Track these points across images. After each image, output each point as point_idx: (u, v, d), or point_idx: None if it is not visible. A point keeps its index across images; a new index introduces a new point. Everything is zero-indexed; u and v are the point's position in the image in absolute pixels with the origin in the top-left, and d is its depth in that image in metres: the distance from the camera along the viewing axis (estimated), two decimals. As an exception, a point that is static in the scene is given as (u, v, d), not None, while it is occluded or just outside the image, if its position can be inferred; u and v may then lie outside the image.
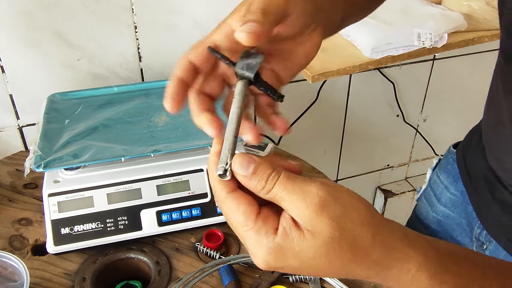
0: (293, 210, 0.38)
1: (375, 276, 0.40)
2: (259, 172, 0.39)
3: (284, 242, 0.38)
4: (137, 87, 1.03)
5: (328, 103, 1.46)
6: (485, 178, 0.75)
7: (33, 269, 0.79)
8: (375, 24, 1.14)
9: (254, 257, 0.40)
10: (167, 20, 1.14)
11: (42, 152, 0.81)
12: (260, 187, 0.39)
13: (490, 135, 0.73)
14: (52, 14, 1.04)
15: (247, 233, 0.39)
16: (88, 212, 0.80)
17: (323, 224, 0.37)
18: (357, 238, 0.38)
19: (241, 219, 0.39)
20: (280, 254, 0.38)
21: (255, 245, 0.39)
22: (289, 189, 0.39)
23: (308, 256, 0.38)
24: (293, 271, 0.40)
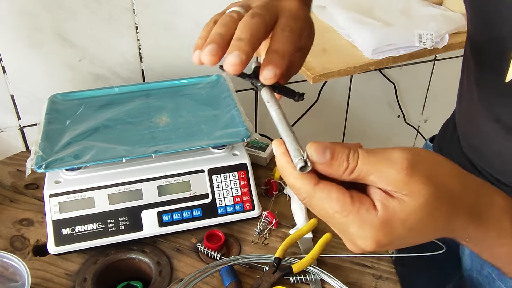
0: (384, 180, 0.38)
1: (471, 224, 0.40)
2: (338, 154, 0.38)
3: (387, 214, 0.37)
4: (138, 87, 1.03)
5: (329, 104, 1.46)
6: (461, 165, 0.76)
7: (34, 269, 0.79)
8: (376, 25, 1.14)
9: (362, 240, 0.38)
10: (168, 21, 1.14)
11: (43, 153, 0.82)
12: (342, 169, 0.38)
13: (464, 125, 0.75)
14: (54, 14, 1.04)
15: (348, 218, 0.38)
16: (89, 213, 0.81)
17: (418, 184, 0.37)
18: (451, 190, 0.38)
19: (337, 206, 0.38)
20: (388, 226, 0.37)
21: (361, 226, 0.37)
22: (373, 161, 0.38)
23: (415, 220, 0.37)
24: (403, 242, 0.39)
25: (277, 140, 0.42)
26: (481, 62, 0.66)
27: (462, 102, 0.76)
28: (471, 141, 0.74)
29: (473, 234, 0.41)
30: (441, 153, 0.86)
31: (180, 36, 1.18)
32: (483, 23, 0.61)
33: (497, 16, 0.56)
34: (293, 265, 0.77)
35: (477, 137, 0.71)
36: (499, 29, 0.56)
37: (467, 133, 0.75)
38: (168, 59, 1.20)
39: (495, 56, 0.59)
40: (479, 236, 0.41)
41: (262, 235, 0.87)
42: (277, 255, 0.78)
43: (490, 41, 0.60)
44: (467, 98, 0.72)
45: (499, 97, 0.63)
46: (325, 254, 0.83)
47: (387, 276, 0.81)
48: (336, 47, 1.15)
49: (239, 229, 0.87)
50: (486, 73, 0.65)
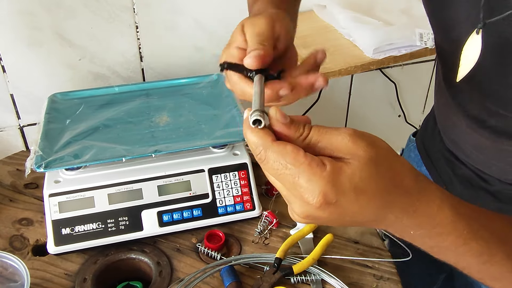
0: (330, 146, 0.42)
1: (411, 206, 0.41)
2: (295, 120, 0.43)
3: (335, 169, 0.40)
4: (138, 87, 1.03)
5: (330, 103, 1.46)
6: (444, 158, 0.81)
7: (34, 269, 0.78)
8: (377, 24, 1.14)
9: (310, 193, 0.40)
10: (169, 20, 1.14)
11: (43, 152, 0.81)
12: (298, 134, 0.42)
13: (442, 120, 0.78)
14: (54, 14, 1.04)
15: (299, 168, 0.40)
16: (89, 213, 0.80)
17: (360, 148, 0.41)
18: (391, 162, 0.42)
19: (291, 157, 0.40)
20: (336, 180, 0.39)
21: (311, 178, 0.39)
22: (323, 131, 0.42)
23: (358, 177, 0.40)
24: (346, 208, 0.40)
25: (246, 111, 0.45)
26: (444, 63, 0.71)
27: (438, 99, 0.79)
28: (450, 135, 0.77)
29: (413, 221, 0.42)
30: (424, 148, 0.89)
31: (180, 35, 1.17)
32: (440, 28, 0.66)
33: (450, 21, 0.61)
34: (294, 266, 0.77)
35: (454, 131, 0.75)
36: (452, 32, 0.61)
37: (446, 128, 0.78)
38: (168, 59, 1.20)
39: (451, 57, 0.63)
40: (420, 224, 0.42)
41: (262, 235, 0.86)
42: (277, 255, 0.78)
43: (447, 44, 0.65)
44: (442, 96, 0.76)
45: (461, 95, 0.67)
46: (326, 255, 0.82)
47: (388, 276, 0.80)
48: (337, 46, 1.14)
49: (240, 229, 0.87)
50: (448, 73, 0.69)
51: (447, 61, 0.69)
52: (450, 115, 0.74)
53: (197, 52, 1.22)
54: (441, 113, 0.79)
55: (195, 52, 1.21)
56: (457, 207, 0.43)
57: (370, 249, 0.85)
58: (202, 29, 1.19)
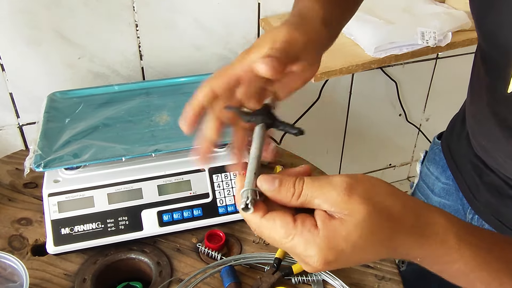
0: (327, 202, 0.41)
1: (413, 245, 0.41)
2: (285, 182, 0.42)
3: (329, 232, 0.40)
4: (138, 86, 1.02)
5: (330, 102, 1.45)
6: (471, 163, 0.77)
7: (33, 269, 0.78)
8: (378, 23, 1.13)
9: (310, 259, 0.41)
10: (168, 18, 1.14)
11: (42, 152, 0.81)
12: (290, 194, 0.42)
13: (473, 124, 0.75)
14: (53, 12, 1.03)
15: (293, 241, 0.41)
16: (89, 212, 0.80)
17: (356, 203, 0.40)
18: (389, 208, 0.41)
19: (282, 232, 0.41)
20: (331, 243, 0.40)
21: (306, 247, 0.40)
22: (317, 186, 0.41)
23: (356, 236, 0.40)
24: (350, 259, 0.41)
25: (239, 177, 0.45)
26: (489, 70, 0.66)
27: (472, 104, 0.75)
28: (482, 142, 0.73)
29: (419, 253, 0.42)
30: (449, 151, 0.85)
31: (180, 34, 1.17)
32: (487, 33, 0.62)
33: (499, 28, 0.57)
34: (293, 266, 0.77)
35: (487, 139, 0.71)
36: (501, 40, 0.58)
37: (478, 134, 0.74)
38: (168, 57, 1.19)
39: (500, 65, 0.60)
40: (427, 255, 0.43)
41: (263, 235, 0.86)
42: (277, 255, 0.78)
43: (495, 51, 0.61)
44: (477, 101, 0.72)
45: (505, 105, 0.63)
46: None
47: (390, 277, 0.80)
48: (338, 45, 1.13)
49: (240, 229, 0.87)
50: (493, 80, 0.65)
51: (492, 67, 0.65)
52: (484, 121, 0.70)
53: (197, 51, 1.21)
54: (474, 117, 0.75)
55: (195, 51, 1.21)
56: (462, 235, 0.43)
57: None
58: (202, 28, 1.18)
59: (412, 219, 0.41)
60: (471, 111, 0.76)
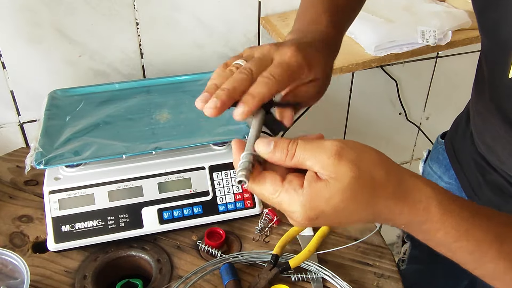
0: (317, 164, 0.44)
1: (395, 209, 0.44)
2: (279, 144, 0.46)
3: (312, 191, 0.44)
4: (138, 84, 1.03)
5: (330, 101, 1.45)
6: (475, 162, 0.78)
7: (34, 266, 0.78)
8: (378, 21, 1.13)
9: (293, 215, 0.45)
10: (169, 16, 1.14)
11: (43, 149, 0.81)
12: (284, 155, 0.45)
13: (478, 122, 0.75)
14: (54, 10, 1.03)
15: (279, 197, 0.45)
16: (89, 210, 0.80)
17: (344, 167, 0.43)
18: (373, 175, 0.44)
19: (270, 189, 0.45)
20: (314, 202, 0.43)
21: (290, 203, 0.44)
22: (309, 148, 0.45)
23: (338, 200, 0.43)
24: (332, 219, 0.45)
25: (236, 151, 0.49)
26: (490, 63, 0.67)
27: (477, 102, 0.76)
28: (486, 140, 0.74)
29: (402, 218, 0.45)
30: (453, 150, 0.85)
31: (181, 32, 1.17)
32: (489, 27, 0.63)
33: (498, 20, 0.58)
34: (290, 260, 0.77)
35: (491, 137, 0.71)
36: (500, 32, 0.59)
37: (482, 132, 0.75)
38: (169, 55, 1.19)
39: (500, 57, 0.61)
40: (409, 221, 0.45)
41: (263, 232, 0.86)
42: (274, 252, 0.78)
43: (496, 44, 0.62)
44: (482, 99, 0.73)
45: (506, 96, 0.63)
46: (325, 249, 0.82)
47: (389, 274, 0.80)
48: (338, 43, 1.14)
49: (240, 227, 0.87)
50: (494, 73, 0.66)
51: (493, 62, 0.66)
52: (488, 119, 0.71)
53: (197, 49, 1.21)
54: (477, 113, 0.76)
55: (196, 49, 1.21)
56: (446, 205, 0.44)
57: (371, 247, 0.85)
58: (203, 26, 1.18)
59: (394, 185, 0.44)
60: (475, 109, 0.77)
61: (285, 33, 1.15)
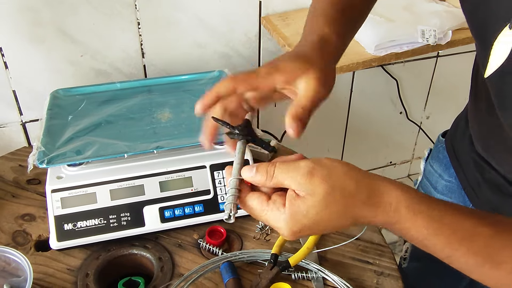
0: (293, 183, 0.49)
1: (369, 214, 0.49)
2: (259, 168, 0.52)
3: (292, 209, 0.49)
4: (140, 83, 1.03)
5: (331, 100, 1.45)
6: (474, 161, 0.78)
7: (36, 264, 0.79)
8: (379, 21, 1.13)
9: (279, 230, 0.51)
10: (170, 16, 1.14)
11: (45, 148, 0.82)
12: (264, 178, 0.51)
13: (474, 124, 0.77)
14: (55, 10, 1.04)
15: (266, 216, 0.51)
16: (91, 208, 0.81)
17: (316, 185, 0.48)
18: (344, 187, 0.49)
19: (258, 208, 0.52)
20: (294, 219, 0.49)
21: (276, 221, 0.50)
22: (285, 169, 0.50)
23: (313, 213, 0.48)
24: (313, 230, 0.50)
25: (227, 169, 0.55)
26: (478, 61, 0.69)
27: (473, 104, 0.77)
28: (482, 141, 0.75)
29: (377, 220, 0.49)
30: (453, 149, 0.86)
31: (182, 32, 1.18)
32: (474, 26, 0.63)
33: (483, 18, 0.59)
34: (290, 259, 0.77)
35: (486, 136, 0.73)
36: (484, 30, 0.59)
37: (477, 132, 0.76)
38: (170, 55, 1.20)
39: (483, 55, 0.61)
40: (384, 222, 0.49)
41: (263, 231, 0.87)
42: (273, 251, 0.78)
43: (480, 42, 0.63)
44: (476, 100, 0.74)
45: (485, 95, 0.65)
46: (325, 247, 0.83)
47: (388, 272, 0.81)
48: (339, 43, 1.14)
49: (241, 225, 0.87)
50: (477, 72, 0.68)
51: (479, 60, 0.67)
52: (482, 117, 0.72)
53: (198, 49, 1.22)
54: (473, 115, 0.77)
55: (197, 48, 1.22)
56: (415, 206, 0.48)
57: (371, 245, 0.85)
58: (204, 25, 1.19)
59: (365, 194, 0.49)
60: (472, 110, 0.78)
61: (285, 33, 1.15)
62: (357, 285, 0.78)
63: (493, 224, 0.49)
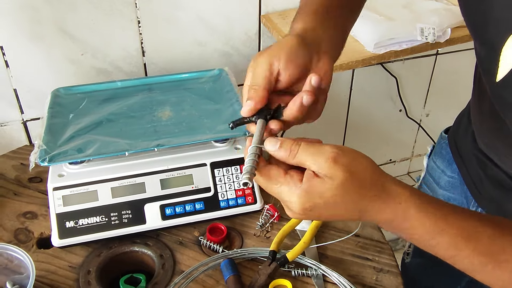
0: (315, 165, 0.50)
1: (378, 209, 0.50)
2: (284, 144, 0.52)
3: (309, 186, 0.50)
4: (140, 81, 1.03)
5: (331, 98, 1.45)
6: (476, 158, 0.79)
7: (38, 262, 0.79)
8: (378, 19, 1.14)
9: (290, 205, 0.51)
10: (171, 14, 1.15)
11: (46, 146, 0.82)
12: (287, 154, 0.52)
13: (477, 121, 0.77)
14: (56, 8, 1.04)
15: (280, 188, 0.52)
16: (93, 206, 0.81)
17: (338, 170, 0.49)
18: (362, 178, 0.50)
19: (274, 179, 0.52)
20: (309, 195, 0.50)
21: (289, 194, 0.51)
22: (310, 151, 0.51)
23: (330, 195, 0.50)
24: (320, 211, 0.51)
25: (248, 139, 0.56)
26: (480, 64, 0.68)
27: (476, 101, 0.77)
28: (484, 139, 0.75)
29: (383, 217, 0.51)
30: (456, 146, 0.87)
31: (182, 30, 1.18)
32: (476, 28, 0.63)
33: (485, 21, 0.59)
34: (287, 254, 0.77)
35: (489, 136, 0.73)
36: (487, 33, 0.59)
37: (479, 130, 0.76)
38: (170, 53, 1.20)
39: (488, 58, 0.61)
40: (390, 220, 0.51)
41: (264, 228, 0.87)
42: (271, 248, 0.79)
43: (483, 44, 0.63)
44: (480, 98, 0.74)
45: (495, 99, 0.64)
46: (326, 248, 0.83)
47: (388, 269, 0.81)
48: (338, 41, 1.14)
49: (241, 222, 0.88)
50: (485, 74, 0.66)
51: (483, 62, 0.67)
52: (486, 118, 0.73)
53: (199, 47, 1.22)
54: (476, 113, 0.78)
55: (197, 46, 1.22)
56: (423, 207, 0.50)
57: (370, 242, 0.86)
58: (204, 23, 1.19)
59: (378, 189, 0.50)
60: (475, 108, 0.78)
61: (285, 31, 1.16)
62: (357, 282, 0.79)
63: (495, 225, 0.50)
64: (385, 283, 0.79)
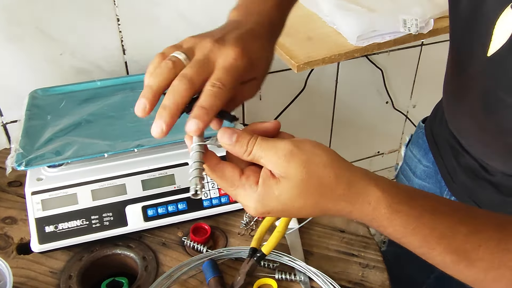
0: (269, 163, 0.47)
1: (344, 209, 0.47)
2: (241, 139, 0.48)
3: (264, 190, 0.47)
4: (121, 80, 1.02)
5: (316, 92, 1.45)
6: (450, 146, 0.80)
7: (18, 268, 0.78)
8: (360, 11, 1.13)
9: (246, 208, 0.49)
10: (150, 12, 1.13)
11: (23, 150, 0.80)
12: (242, 151, 0.48)
13: (449, 108, 0.79)
14: (33, 8, 1.02)
15: (236, 191, 0.49)
16: (73, 209, 0.80)
17: (293, 169, 0.46)
18: (321, 178, 0.46)
19: (229, 181, 0.49)
20: (264, 199, 0.47)
21: (245, 198, 0.48)
22: (264, 147, 0.47)
23: (286, 198, 0.47)
24: (278, 213, 0.49)
25: None
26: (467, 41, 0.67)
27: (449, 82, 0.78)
28: (456, 123, 0.76)
29: (352, 216, 0.48)
30: (431, 134, 0.87)
31: (162, 27, 1.16)
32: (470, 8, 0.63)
33: None
34: (263, 248, 0.75)
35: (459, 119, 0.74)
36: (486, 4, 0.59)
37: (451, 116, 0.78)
38: (151, 51, 1.18)
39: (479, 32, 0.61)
40: (359, 218, 0.48)
41: (248, 226, 0.86)
42: (252, 245, 0.77)
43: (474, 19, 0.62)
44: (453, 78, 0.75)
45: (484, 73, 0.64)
46: (311, 245, 0.83)
47: (374, 264, 0.81)
48: (321, 35, 1.13)
49: (225, 221, 0.87)
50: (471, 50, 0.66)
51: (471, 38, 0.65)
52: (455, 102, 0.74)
53: (180, 44, 1.20)
54: (448, 100, 0.78)
55: (179, 43, 1.20)
56: (395, 208, 0.47)
57: (355, 238, 0.85)
58: (186, 21, 1.17)
59: (343, 188, 0.46)
60: (446, 95, 0.80)
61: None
62: (342, 279, 0.78)
63: (470, 222, 0.48)
64: (371, 279, 0.78)
